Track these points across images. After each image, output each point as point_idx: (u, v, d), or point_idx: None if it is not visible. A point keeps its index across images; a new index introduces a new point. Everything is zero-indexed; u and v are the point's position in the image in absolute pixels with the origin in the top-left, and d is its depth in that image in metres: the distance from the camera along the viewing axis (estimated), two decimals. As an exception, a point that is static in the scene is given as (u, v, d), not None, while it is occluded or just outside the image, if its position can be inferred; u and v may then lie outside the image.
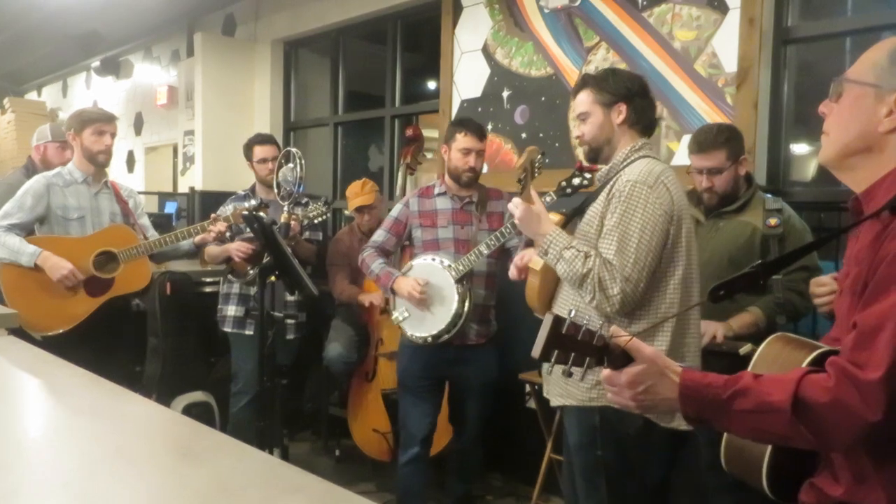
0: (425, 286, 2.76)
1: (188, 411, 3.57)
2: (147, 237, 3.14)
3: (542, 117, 3.60)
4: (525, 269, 2.09)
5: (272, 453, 2.85)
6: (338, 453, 3.99)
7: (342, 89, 5.15)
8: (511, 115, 3.74)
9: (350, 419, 3.71)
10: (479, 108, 3.87)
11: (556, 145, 3.49)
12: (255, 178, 3.61)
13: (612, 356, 1.22)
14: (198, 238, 3.15)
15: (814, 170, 3.06)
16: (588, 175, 2.37)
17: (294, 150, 3.10)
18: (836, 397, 1.05)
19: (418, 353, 2.87)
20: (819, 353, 1.25)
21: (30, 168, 3.76)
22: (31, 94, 9.14)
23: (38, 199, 2.96)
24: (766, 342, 1.39)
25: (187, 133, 5.62)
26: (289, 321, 3.42)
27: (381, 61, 4.71)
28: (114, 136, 3.10)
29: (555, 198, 2.46)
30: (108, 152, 3.08)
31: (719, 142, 2.39)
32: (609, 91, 1.97)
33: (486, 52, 3.85)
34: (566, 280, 1.89)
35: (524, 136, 3.67)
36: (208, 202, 4.85)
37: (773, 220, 2.36)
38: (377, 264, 2.92)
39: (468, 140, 2.85)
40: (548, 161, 2.96)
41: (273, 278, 2.77)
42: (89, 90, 8.01)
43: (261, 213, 2.98)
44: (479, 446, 3.07)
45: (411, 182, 3.78)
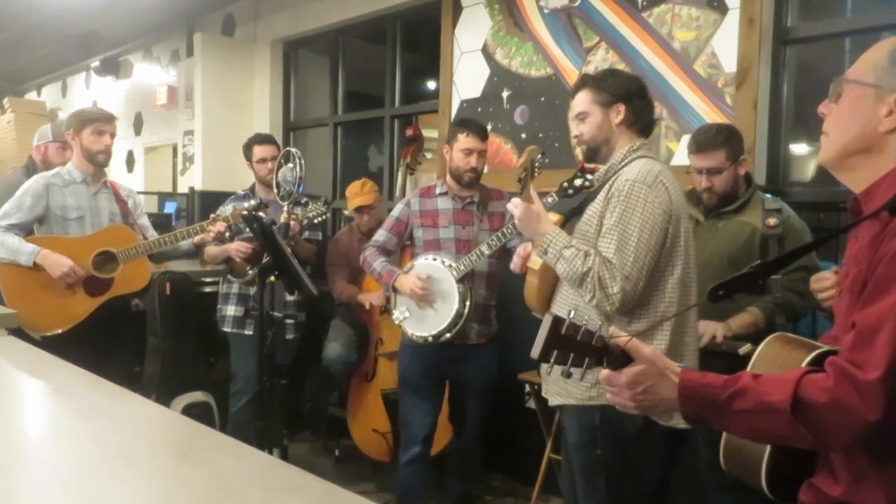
0: (427, 280, 2.76)
1: (188, 411, 3.57)
2: (146, 237, 3.14)
3: (542, 117, 3.60)
4: (527, 258, 2.09)
5: (272, 453, 2.85)
6: (337, 453, 3.99)
7: (342, 89, 5.15)
8: (511, 116, 3.74)
9: (349, 419, 3.71)
10: (479, 109, 3.87)
11: (556, 145, 3.49)
12: (255, 178, 3.60)
13: (611, 356, 1.22)
14: (197, 238, 3.15)
15: (813, 170, 3.06)
16: (590, 176, 2.36)
17: (293, 150, 3.10)
18: (835, 397, 1.05)
19: (419, 352, 2.87)
20: (818, 353, 1.26)
21: (30, 168, 3.76)
22: (31, 94, 9.13)
23: (37, 199, 2.96)
24: (765, 342, 1.39)
25: (187, 133, 5.62)
26: (288, 321, 3.41)
27: (381, 61, 4.71)
28: (113, 135, 3.10)
29: (556, 199, 2.46)
30: (108, 152, 3.09)
31: (718, 142, 2.39)
32: (608, 91, 1.98)
33: (486, 52, 3.85)
34: (566, 279, 1.89)
35: (524, 136, 3.67)
36: (208, 202, 4.85)
37: (773, 220, 2.36)
38: (379, 262, 2.92)
39: (470, 140, 2.85)
40: (547, 161, 2.96)
41: (272, 278, 2.77)
42: (89, 90, 8.00)
43: (260, 213, 2.98)
44: (479, 446, 3.07)
45: (411, 182, 3.78)
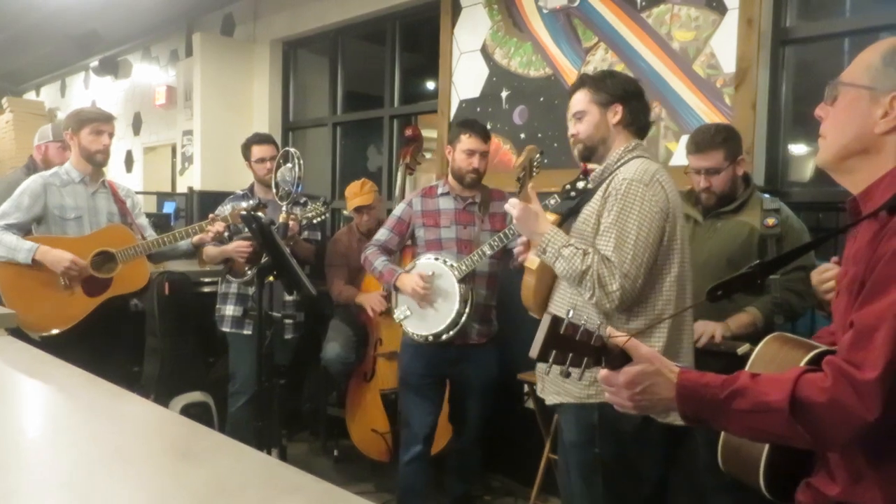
0: (430, 278, 2.76)
1: (186, 411, 3.57)
2: (145, 237, 3.13)
3: (541, 117, 3.60)
4: (528, 246, 2.08)
5: (270, 453, 2.85)
6: (336, 453, 3.99)
7: (341, 89, 5.15)
8: (510, 116, 3.74)
9: (348, 419, 3.71)
10: (478, 109, 3.87)
11: (555, 145, 3.49)
12: (254, 178, 3.60)
13: (609, 356, 1.22)
14: (196, 238, 3.15)
15: (812, 170, 3.06)
16: None
17: (292, 149, 3.10)
18: (833, 397, 1.05)
19: (420, 351, 2.87)
20: (816, 352, 1.26)
21: (31, 168, 3.77)
22: (30, 94, 9.12)
23: (35, 198, 2.95)
24: (763, 342, 1.39)
25: (186, 133, 5.61)
26: (287, 321, 3.41)
27: (380, 61, 4.71)
28: (111, 135, 3.10)
29: (559, 200, 2.47)
30: (106, 152, 3.09)
31: (717, 142, 2.39)
32: (606, 91, 2.00)
33: (485, 52, 3.85)
34: (565, 278, 1.89)
35: (523, 136, 3.67)
36: (207, 202, 4.85)
37: (771, 221, 2.37)
38: (380, 262, 2.93)
39: (472, 141, 2.86)
40: (546, 161, 2.96)
41: (271, 278, 2.77)
42: (88, 90, 7.99)
43: (259, 213, 2.98)
44: (478, 446, 3.07)
45: (410, 182, 3.78)
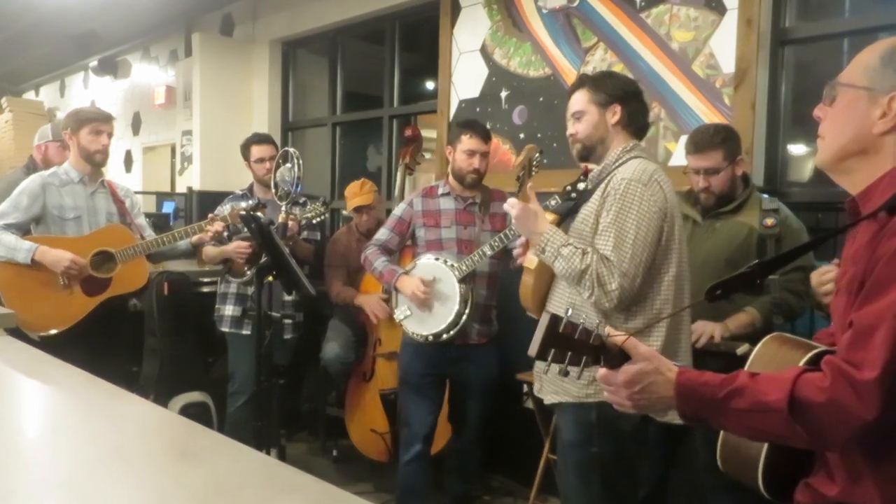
0: (431, 283, 2.76)
1: (185, 411, 3.57)
2: (144, 237, 3.14)
3: (541, 118, 3.60)
4: (528, 246, 2.08)
5: (269, 453, 2.85)
6: (335, 453, 3.99)
7: (340, 89, 5.15)
8: (509, 116, 3.74)
9: (348, 419, 3.70)
10: (478, 109, 3.87)
11: (555, 146, 3.49)
12: (253, 178, 3.60)
13: (608, 355, 1.22)
14: (195, 238, 3.15)
15: (811, 170, 3.07)
16: None
17: (291, 149, 3.10)
18: (831, 397, 1.05)
19: (420, 350, 2.87)
20: (815, 352, 1.26)
21: (31, 167, 3.77)
22: (29, 94, 9.11)
23: (33, 198, 2.95)
24: (762, 342, 1.39)
25: (185, 133, 5.61)
26: (286, 321, 3.41)
27: (380, 61, 4.71)
28: (111, 135, 3.10)
29: (559, 201, 2.47)
30: (105, 152, 3.08)
31: (716, 142, 2.40)
32: (605, 92, 2.01)
33: (485, 52, 3.85)
34: (564, 277, 1.90)
35: (522, 136, 3.67)
36: (206, 202, 4.85)
37: (770, 221, 2.37)
38: (380, 262, 2.93)
39: (473, 142, 2.86)
40: (546, 161, 2.96)
41: (270, 278, 2.77)
42: (87, 90, 7.99)
43: (258, 213, 2.98)
44: (478, 446, 3.07)
45: (410, 182, 3.77)
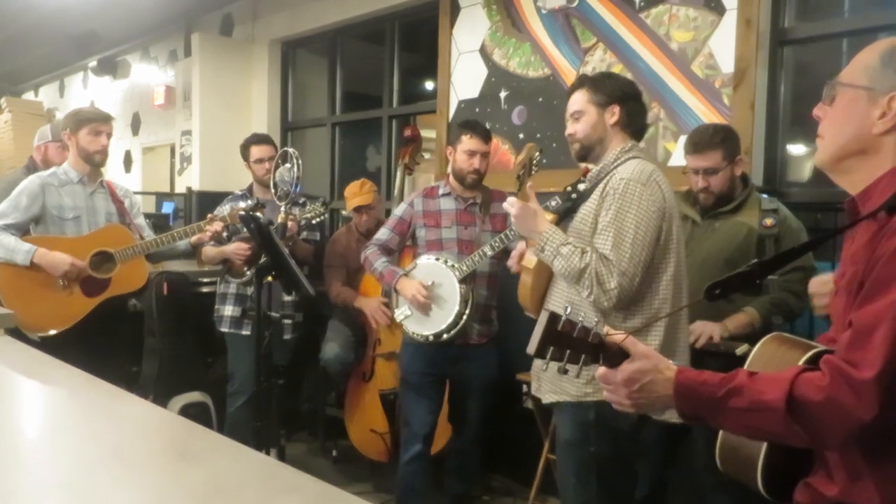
0: (431, 287, 2.76)
1: (185, 412, 3.57)
2: (143, 237, 3.13)
3: (540, 118, 3.61)
4: (523, 255, 2.09)
5: (269, 454, 2.85)
6: (335, 454, 3.99)
7: (340, 89, 5.15)
8: (508, 116, 3.74)
9: (347, 420, 3.70)
10: (477, 109, 3.87)
11: (554, 146, 3.49)
12: (253, 179, 3.60)
13: (607, 353, 1.22)
14: (194, 238, 3.15)
15: (810, 170, 3.07)
16: None
17: (291, 150, 3.11)
18: (830, 396, 1.05)
19: (421, 350, 2.87)
20: (814, 352, 1.26)
21: (31, 168, 3.76)
22: (28, 94, 9.11)
23: (33, 198, 2.95)
24: (761, 342, 1.39)
25: (185, 133, 5.61)
26: (286, 321, 3.41)
27: (379, 62, 4.71)
28: (110, 136, 3.10)
29: (560, 202, 2.47)
30: (105, 152, 3.08)
31: (715, 142, 2.40)
32: (605, 92, 2.01)
33: (484, 52, 3.86)
34: (563, 276, 1.90)
35: (522, 136, 3.67)
36: (206, 202, 4.85)
37: (769, 221, 2.37)
38: (381, 262, 2.93)
39: (474, 142, 2.86)
40: (545, 161, 2.96)
41: (270, 278, 2.77)
42: (86, 90, 7.98)
43: (257, 213, 2.98)
44: (478, 446, 3.07)
45: (409, 182, 3.77)
